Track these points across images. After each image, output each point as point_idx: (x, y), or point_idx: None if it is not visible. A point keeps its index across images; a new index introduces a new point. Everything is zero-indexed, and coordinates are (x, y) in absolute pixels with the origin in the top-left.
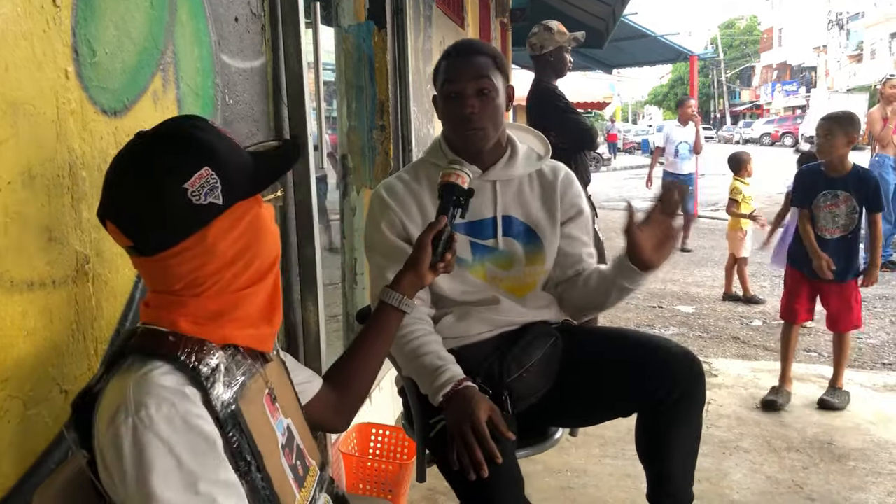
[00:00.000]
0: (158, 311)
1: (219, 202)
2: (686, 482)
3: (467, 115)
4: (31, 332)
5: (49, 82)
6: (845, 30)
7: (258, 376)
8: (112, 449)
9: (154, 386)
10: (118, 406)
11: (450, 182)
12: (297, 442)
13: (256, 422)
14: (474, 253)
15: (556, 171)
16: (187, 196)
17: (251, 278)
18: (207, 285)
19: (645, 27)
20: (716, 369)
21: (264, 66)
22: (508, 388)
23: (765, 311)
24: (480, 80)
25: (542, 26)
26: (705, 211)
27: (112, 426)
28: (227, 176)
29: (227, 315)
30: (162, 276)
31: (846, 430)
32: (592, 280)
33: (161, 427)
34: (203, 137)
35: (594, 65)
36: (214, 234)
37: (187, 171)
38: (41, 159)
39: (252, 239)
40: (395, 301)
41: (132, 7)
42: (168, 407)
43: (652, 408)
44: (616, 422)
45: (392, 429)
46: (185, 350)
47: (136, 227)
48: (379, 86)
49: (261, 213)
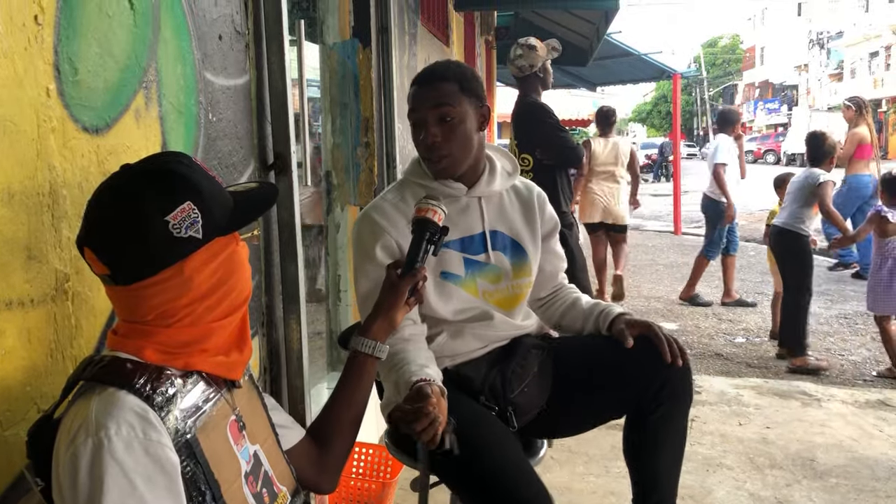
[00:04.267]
0: (124, 340)
1: (199, 236)
2: (672, 491)
3: (429, 145)
4: (9, 351)
5: (30, 100)
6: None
7: (222, 403)
8: (69, 468)
9: (117, 408)
10: (79, 427)
11: (424, 217)
12: (266, 468)
13: (216, 450)
14: (467, 269)
15: (530, 187)
16: (168, 228)
17: (223, 312)
18: (179, 317)
19: (629, 46)
20: (699, 386)
21: (248, 84)
22: (512, 403)
23: (748, 329)
24: (441, 109)
25: (525, 46)
26: (689, 228)
27: (72, 446)
28: (208, 211)
29: (197, 345)
30: (135, 305)
31: (828, 446)
32: (569, 314)
33: (118, 449)
34: (187, 173)
35: (578, 82)
36: (191, 268)
37: (170, 205)
38: (21, 177)
39: (227, 274)
40: (369, 349)
41: (115, 25)
42: (128, 430)
43: (643, 407)
44: (600, 439)
45: (375, 447)
46: (141, 378)
47: (115, 255)
48: (363, 103)
49: (237, 250)
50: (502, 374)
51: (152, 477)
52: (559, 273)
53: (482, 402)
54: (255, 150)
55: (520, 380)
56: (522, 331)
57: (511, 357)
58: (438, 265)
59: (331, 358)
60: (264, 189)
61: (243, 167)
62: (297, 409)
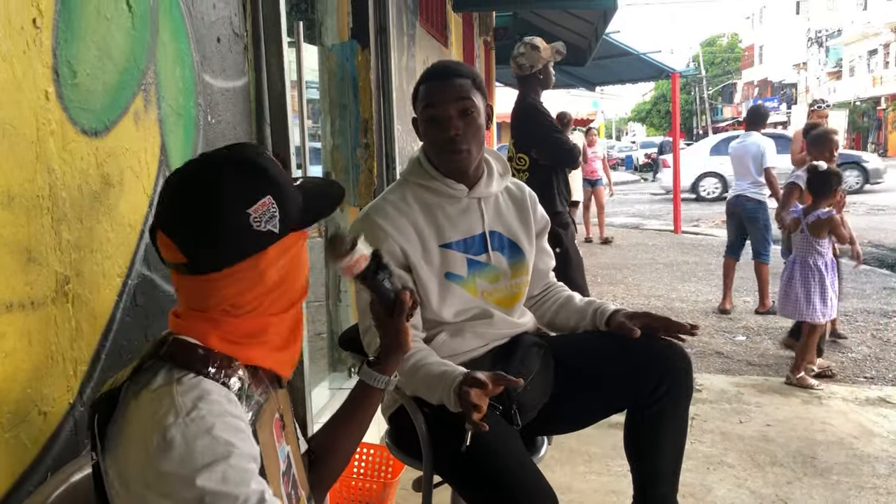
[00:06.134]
0: (190, 323)
1: (276, 231)
2: (672, 486)
3: (452, 138)
4: (9, 353)
5: (29, 103)
6: (824, 47)
7: (272, 400)
8: (158, 451)
9: (202, 390)
10: (166, 409)
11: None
12: (294, 471)
13: (267, 445)
14: (469, 269)
15: (521, 188)
16: (250, 221)
17: (284, 306)
18: (247, 308)
19: (627, 45)
20: (699, 384)
21: (247, 86)
22: (517, 401)
23: (748, 327)
24: (462, 102)
25: (528, 45)
26: (689, 227)
27: (160, 428)
28: (284, 206)
29: (258, 337)
30: (206, 295)
31: (829, 444)
32: (562, 312)
33: (216, 425)
34: (268, 166)
35: (577, 82)
36: (267, 261)
37: (253, 197)
38: (20, 180)
39: (292, 269)
40: (382, 384)
41: (113, 28)
42: (219, 407)
43: (643, 400)
44: (601, 438)
45: (376, 447)
46: (215, 364)
47: (194, 244)
48: (362, 104)
49: (304, 246)
50: (505, 373)
51: (245, 452)
52: (550, 271)
53: None
54: None
55: (523, 378)
56: (521, 328)
57: (512, 355)
58: (443, 266)
59: (332, 359)
60: (333, 187)
61: None
62: (299, 410)
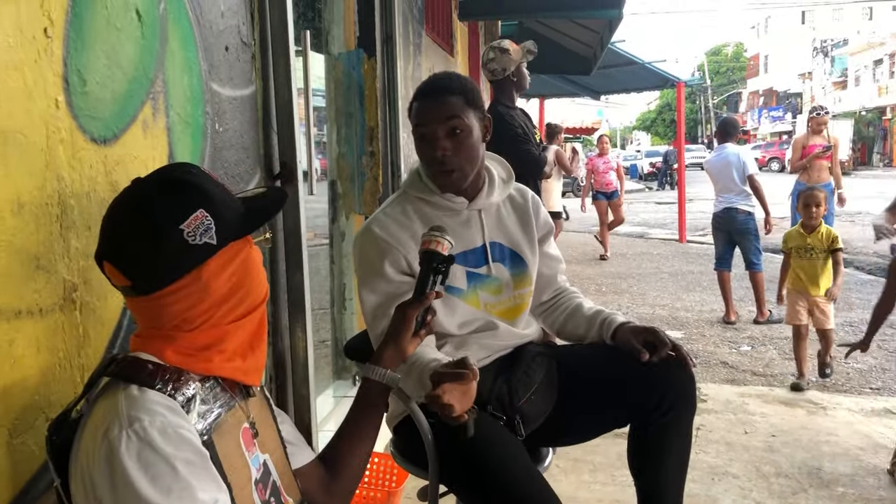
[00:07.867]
0: (146, 341)
1: (213, 242)
2: (676, 500)
3: (440, 159)
4: (17, 360)
5: (39, 111)
6: (830, 57)
7: (237, 409)
8: (104, 463)
9: (146, 402)
10: (110, 422)
11: (430, 249)
12: (274, 478)
13: (229, 454)
14: (469, 282)
15: (524, 193)
16: (184, 236)
17: (241, 313)
18: (199, 322)
19: (632, 54)
20: (704, 394)
21: (254, 94)
22: (520, 412)
23: (752, 336)
24: (450, 122)
25: (497, 49)
26: (694, 236)
27: (105, 441)
28: (220, 217)
29: (215, 347)
30: (157, 314)
31: (835, 455)
32: (571, 321)
33: (156, 438)
34: (197, 182)
35: (582, 91)
36: (208, 273)
37: (183, 213)
38: (30, 188)
39: (243, 277)
40: (380, 376)
41: (123, 37)
42: (161, 420)
43: (646, 414)
44: (606, 448)
45: (381, 456)
46: (162, 379)
47: (135, 266)
48: (368, 112)
49: (251, 254)
50: (508, 383)
51: (192, 461)
52: (558, 275)
53: (489, 412)
54: (262, 160)
55: (526, 388)
56: (525, 339)
57: (516, 365)
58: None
59: (336, 366)
60: (273, 193)
61: (249, 177)
62: (304, 418)
